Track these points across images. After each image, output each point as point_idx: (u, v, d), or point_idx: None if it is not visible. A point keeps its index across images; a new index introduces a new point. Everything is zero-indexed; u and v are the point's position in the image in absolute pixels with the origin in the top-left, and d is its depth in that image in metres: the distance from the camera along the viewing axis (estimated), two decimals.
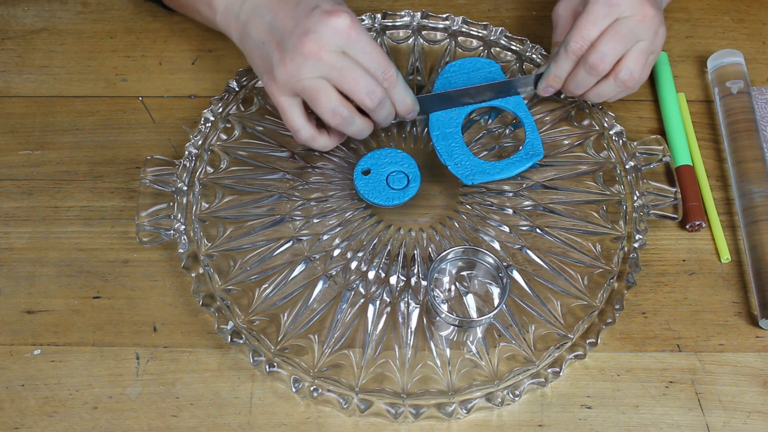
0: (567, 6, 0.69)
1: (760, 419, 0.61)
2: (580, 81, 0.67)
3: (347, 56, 0.60)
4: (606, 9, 0.64)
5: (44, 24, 0.79)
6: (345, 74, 0.60)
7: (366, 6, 0.81)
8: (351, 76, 0.60)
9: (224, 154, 0.70)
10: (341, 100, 0.61)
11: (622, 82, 0.66)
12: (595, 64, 0.65)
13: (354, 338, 0.63)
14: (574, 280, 0.65)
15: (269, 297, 0.64)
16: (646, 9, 0.64)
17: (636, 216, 0.67)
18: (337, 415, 0.61)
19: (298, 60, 0.59)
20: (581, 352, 0.62)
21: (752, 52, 0.78)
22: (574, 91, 0.68)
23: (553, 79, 0.68)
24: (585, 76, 0.66)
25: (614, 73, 0.66)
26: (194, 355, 0.63)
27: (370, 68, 0.61)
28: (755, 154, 0.70)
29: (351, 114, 0.62)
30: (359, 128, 0.64)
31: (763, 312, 0.64)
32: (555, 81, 0.68)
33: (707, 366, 0.63)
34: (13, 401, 0.61)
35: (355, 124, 0.63)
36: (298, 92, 0.61)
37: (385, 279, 0.65)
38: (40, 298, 0.65)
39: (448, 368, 0.62)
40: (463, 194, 0.70)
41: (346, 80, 0.60)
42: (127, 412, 0.61)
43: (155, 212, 0.66)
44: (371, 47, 0.60)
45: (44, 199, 0.70)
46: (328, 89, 0.60)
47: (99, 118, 0.74)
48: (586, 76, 0.66)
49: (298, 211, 0.68)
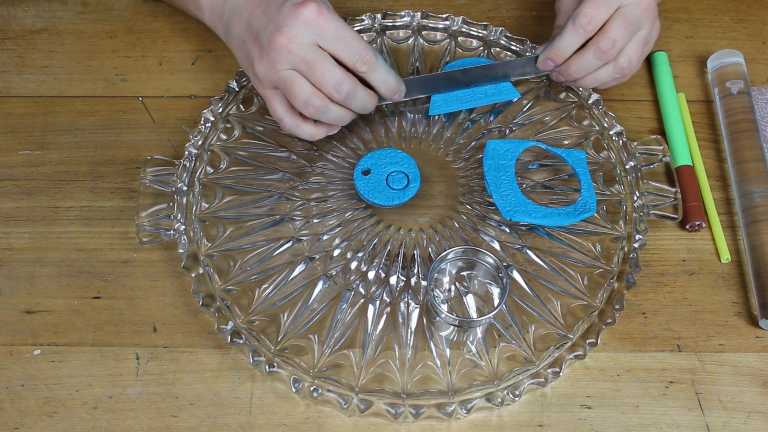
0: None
1: (760, 419, 0.61)
2: (586, 64, 0.67)
3: (319, 47, 0.61)
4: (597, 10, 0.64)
5: (44, 24, 0.79)
6: (313, 67, 0.61)
7: (366, 6, 0.81)
8: (318, 68, 0.61)
9: (224, 154, 0.70)
10: (314, 90, 0.62)
11: (620, 69, 0.67)
12: (605, 49, 0.65)
13: (354, 338, 0.63)
14: (574, 280, 0.65)
15: (269, 297, 0.64)
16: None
17: (636, 216, 0.67)
18: (337, 415, 0.61)
19: (272, 54, 0.61)
20: (581, 352, 0.62)
21: (752, 52, 0.78)
22: (576, 73, 0.68)
23: (555, 52, 0.67)
24: (592, 60, 0.67)
25: (614, 60, 0.67)
26: (194, 355, 0.63)
27: (344, 56, 0.62)
28: (755, 154, 0.70)
29: (324, 104, 0.63)
30: (336, 116, 0.65)
31: (763, 312, 0.64)
32: (557, 55, 0.68)
33: (707, 366, 0.63)
34: (13, 401, 0.61)
35: (332, 112, 0.64)
36: (276, 84, 0.63)
37: (385, 279, 0.65)
38: (40, 298, 0.65)
39: (448, 368, 0.62)
40: (463, 194, 0.70)
41: (314, 73, 0.61)
42: (127, 412, 0.61)
43: (155, 212, 0.66)
44: (343, 32, 0.61)
45: (44, 199, 0.70)
46: (299, 80, 0.62)
47: (99, 118, 0.74)
48: (594, 60, 0.67)
49: (298, 211, 0.68)
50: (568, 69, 0.68)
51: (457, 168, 0.71)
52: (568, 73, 0.69)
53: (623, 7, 0.65)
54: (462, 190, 0.70)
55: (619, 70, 0.67)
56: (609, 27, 0.65)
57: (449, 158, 0.71)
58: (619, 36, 0.65)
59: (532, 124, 0.72)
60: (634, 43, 0.66)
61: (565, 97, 0.73)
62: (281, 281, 0.65)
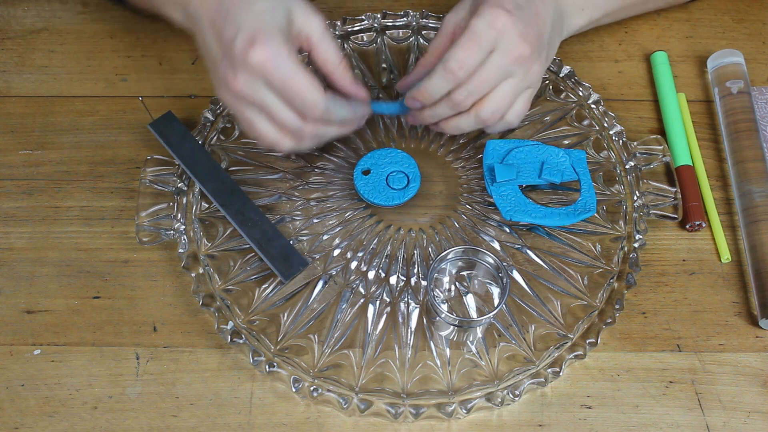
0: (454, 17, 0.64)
1: (760, 419, 0.61)
2: (439, 112, 0.63)
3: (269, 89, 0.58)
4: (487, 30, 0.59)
5: (44, 24, 0.79)
6: (273, 114, 0.59)
7: (366, 6, 0.81)
8: (279, 117, 0.59)
9: (224, 154, 0.70)
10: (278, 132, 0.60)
11: (482, 120, 0.62)
12: (457, 100, 0.61)
13: (354, 338, 0.63)
14: (574, 280, 0.65)
15: (269, 297, 0.64)
16: (524, 47, 0.60)
17: (636, 216, 0.67)
18: (337, 415, 0.61)
19: (231, 93, 0.58)
20: (581, 352, 0.62)
21: (752, 52, 0.78)
22: (430, 119, 0.64)
23: (422, 93, 0.62)
24: (444, 109, 0.62)
25: (475, 110, 0.62)
26: (194, 355, 0.63)
27: (294, 106, 0.58)
28: (755, 154, 0.70)
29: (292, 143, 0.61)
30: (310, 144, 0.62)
31: (763, 312, 0.64)
32: (425, 96, 0.62)
33: (707, 366, 0.63)
34: (13, 401, 0.61)
35: (305, 142, 0.61)
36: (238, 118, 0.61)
37: (385, 279, 0.65)
38: (40, 298, 0.65)
39: (448, 368, 0.62)
40: (462, 194, 0.70)
41: (274, 120, 0.59)
42: (127, 412, 0.61)
43: (155, 212, 0.66)
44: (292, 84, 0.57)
45: (44, 199, 0.70)
46: (262, 122, 0.59)
47: (99, 118, 0.74)
48: (446, 109, 0.62)
49: (298, 211, 0.68)
50: (422, 114, 0.64)
51: (457, 168, 0.71)
52: (422, 117, 0.64)
53: (494, 52, 0.60)
54: (462, 190, 0.70)
55: (481, 121, 0.62)
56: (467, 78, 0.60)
57: (449, 158, 0.71)
58: (474, 88, 0.60)
59: (532, 124, 0.72)
60: (501, 92, 0.61)
61: (565, 97, 0.73)
62: (281, 281, 0.64)
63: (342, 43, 0.76)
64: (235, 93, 0.58)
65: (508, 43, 0.60)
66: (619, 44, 0.79)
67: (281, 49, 0.57)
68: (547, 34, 0.63)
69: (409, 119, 0.67)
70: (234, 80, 0.57)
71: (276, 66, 0.56)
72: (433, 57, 0.65)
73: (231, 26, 0.57)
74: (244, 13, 0.57)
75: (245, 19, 0.57)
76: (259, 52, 0.56)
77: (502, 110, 0.62)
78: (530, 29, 0.61)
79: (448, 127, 0.65)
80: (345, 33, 0.76)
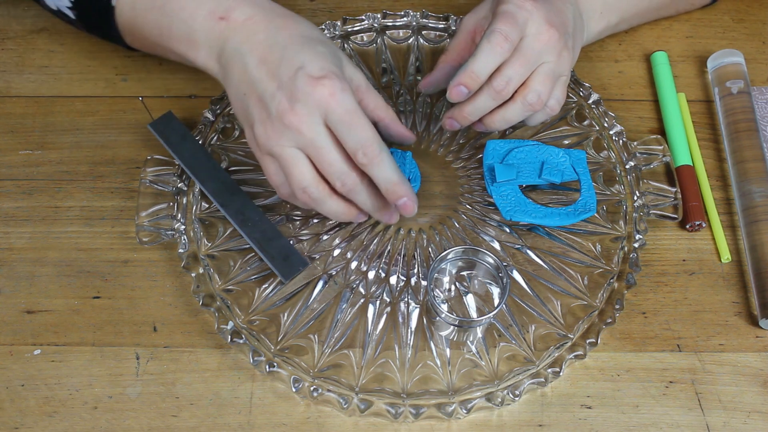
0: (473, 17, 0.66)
1: (760, 419, 0.61)
2: (480, 105, 0.63)
3: (327, 131, 0.57)
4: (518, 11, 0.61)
5: (44, 24, 0.79)
6: (321, 153, 0.57)
7: (366, 6, 0.81)
8: (326, 158, 0.57)
9: (224, 154, 0.70)
10: (315, 178, 0.58)
11: (529, 105, 0.63)
12: (499, 88, 0.62)
13: (354, 338, 0.63)
14: (574, 280, 0.65)
15: (269, 297, 0.64)
16: (552, 32, 0.62)
17: (636, 216, 0.67)
18: (337, 415, 0.61)
19: (278, 127, 0.57)
20: (581, 352, 0.62)
21: (752, 52, 0.78)
22: (471, 116, 0.64)
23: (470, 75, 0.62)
24: (486, 100, 0.63)
25: (521, 96, 0.63)
26: (194, 355, 0.63)
27: (347, 141, 0.57)
28: (755, 154, 0.70)
29: (322, 196, 0.59)
30: (333, 210, 0.60)
31: (763, 312, 0.64)
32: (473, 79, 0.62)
33: (707, 366, 0.63)
34: (13, 401, 0.61)
35: (327, 205, 0.60)
36: (274, 156, 0.59)
37: (385, 279, 0.65)
38: (40, 298, 0.65)
39: (448, 368, 0.62)
40: (463, 194, 0.70)
41: (320, 160, 0.58)
42: (127, 412, 0.61)
43: (155, 212, 0.66)
44: (352, 117, 0.57)
45: (44, 199, 0.70)
46: (302, 164, 0.58)
47: (99, 118, 0.74)
48: (488, 100, 0.63)
49: (298, 211, 0.68)
50: (463, 112, 0.64)
51: (457, 168, 0.71)
52: (463, 115, 0.64)
53: (524, 38, 0.61)
54: (462, 190, 0.70)
55: (528, 106, 0.63)
56: (504, 64, 0.61)
57: (449, 158, 0.71)
58: (514, 73, 0.61)
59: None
60: (540, 77, 0.63)
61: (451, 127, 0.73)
62: (281, 281, 0.64)
63: (342, 43, 0.76)
64: (293, 127, 0.56)
65: (537, 26, 0.62)
66: (619, 44, 0.79)
67: (346, 86, 0.57)
68: (570, 25, 0.65)
69: (447, 124, 0.66)
70: (291, 112, 0.56)
71: (341, 100, 0.56)
72: (454, 54, 0.67)
73: (290, 62, 0.57)
74: (305, 52, 0.58)
75: (309, 58, 0.57)
76: (327, 85, 0.56)
77: (545, 95, 0.63)
78: (555, 17, 0.63)
79: (494, 122, 0.65)
80: (345, 33, 0.76)
